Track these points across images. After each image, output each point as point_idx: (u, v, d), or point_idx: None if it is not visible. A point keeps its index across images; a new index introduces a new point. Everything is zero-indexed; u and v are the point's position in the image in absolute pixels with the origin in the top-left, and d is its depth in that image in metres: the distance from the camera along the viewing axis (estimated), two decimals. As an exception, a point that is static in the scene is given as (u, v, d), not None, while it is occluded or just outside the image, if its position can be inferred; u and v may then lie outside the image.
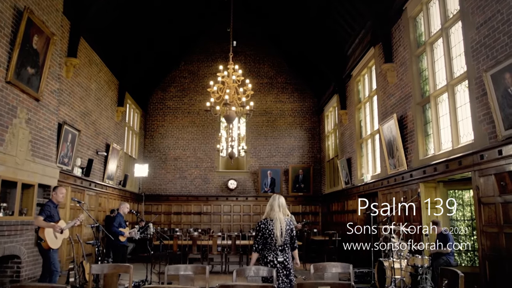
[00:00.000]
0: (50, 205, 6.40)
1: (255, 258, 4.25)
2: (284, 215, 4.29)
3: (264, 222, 4.25)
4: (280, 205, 4.30)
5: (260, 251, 4.21)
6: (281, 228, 4.18)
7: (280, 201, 4.34)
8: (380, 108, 10.12)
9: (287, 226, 4.26)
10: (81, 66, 10.04)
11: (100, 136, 11.58)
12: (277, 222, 4.19)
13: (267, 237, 4.16)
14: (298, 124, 16.71)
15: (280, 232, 4.16)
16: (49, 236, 6.10)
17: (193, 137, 16.49)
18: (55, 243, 6.20)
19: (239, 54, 16.11)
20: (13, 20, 6.40)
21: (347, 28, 11.78)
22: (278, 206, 4.27)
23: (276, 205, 4.27)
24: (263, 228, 4.20)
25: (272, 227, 4.17)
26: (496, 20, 5.68)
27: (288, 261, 4.21)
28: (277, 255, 4.16)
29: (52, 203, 6.46)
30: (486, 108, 5.87)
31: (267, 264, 4.11)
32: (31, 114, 6.98)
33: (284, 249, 4.22)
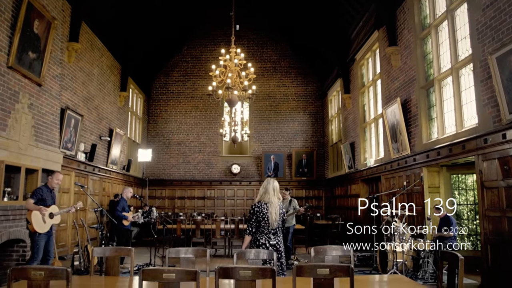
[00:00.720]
0: (42, 188, 6.24)
1: (247, 241, 4.26)
2: (277, 199, 4.29)
3: (258, 205, 4.24)
4: (275, 189, 4.29)
5: (253, 234, 4.23)
6: (276, 212, 4.19)
7: (275, 184, 4.33)
8: (384, 92, 10.04)
9: (281, 210, 4.27)
10: (83, 51, 9.99)
11: (103, 121, 11.59)
12: (272, 206, 4.19)
13: (260, 221, 4.16)
14: (301, 108, 16.64)
15: (275, 215, 4.17)
16: (36, 219, 5.93)
17: (196, 121, 16.48)
18: (42, 227, 6.00)
19: (242, 38, 15.98)
20: (13, 5, 6.36)
21: (351, 11, 11.62)
22: (272, 190, 4.27)
23: (271, 188, 4.27)
24: (258, 212, 4.20)
25: (266, 210, 4.18)
26: (502, 1, 5.58)
27: (280, 244, 4.23)
28: (270, 238, 4.17)
29: (46, 187, 6.31)
30: (490, 92, 5.81)
31: (260, 247, 4.13)
32: (33, 99, 6.99)
33: (277, 232, 4.23)
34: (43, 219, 6.02)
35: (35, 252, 5.95)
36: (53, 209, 6.22)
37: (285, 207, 8.93)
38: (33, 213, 5.90)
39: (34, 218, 5.91)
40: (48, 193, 6.28)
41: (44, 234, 6.05)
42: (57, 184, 6.45)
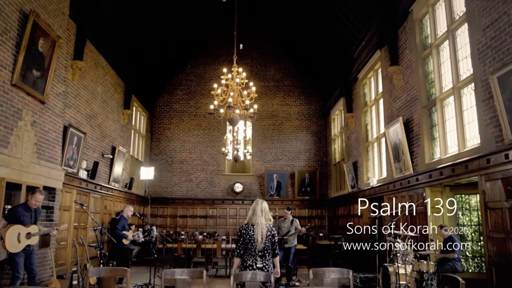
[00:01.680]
0: (19, 209, 5.81)
1: (237, 264, 4.20)
2: (266, 220, 4.23)
3: (245, 227, 4.21)
4: (263, 210, 4.24)
5: (242, 256, 4.16)
6: (262, 233, 4.12)
7: (263, 205, 4.29)
8: (386, 111, 10.04)
9: (268, 232, 4.18)
10: (87, 69, 10.09)
11: (106, 138, 11.62)
12: (258, 227, 4.14)
13: (247, 242, 4.11)
14: (304, 127, 16.65)
15: (261, 237, 4.11)
16: (9, 238, 5.50)
17: (199, 140, 16.50)
18: (15, 246, 5.57)
19: (245, 57, 16.12)
20: (19, 23, 6.46)
21: (354, 30, 11.73)
22: (260, 211, 4.22)
23: (258, 209, 4.23)
24: (244, 234, 4.16)
25: (252, 232, 4.13)
26: (502, 21, 5.61)
27: (267, 268, 4.13)
28: (256, 260, 4.10)
29: (24, 207, 5.87)
30: (492, 111, 5.78)
31: (246, 269, 4.06)
32: (36, 117, 7.03)
33: (264, 255, 4.15)
34: (18, 239, 5.61)
35: (15, 270, 5.60)
36: (32, 229, 5.82)
37: (286, 227, 8.84)
38: (9, 230, 5.51)
39: (8, 236, 5.50)
40: (27, 212, 5.83)
41: (21, 252, 5.68)
42: (35, 205, 5.91)
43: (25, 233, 5.74)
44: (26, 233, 5.74)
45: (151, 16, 12.06)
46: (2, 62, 6.07)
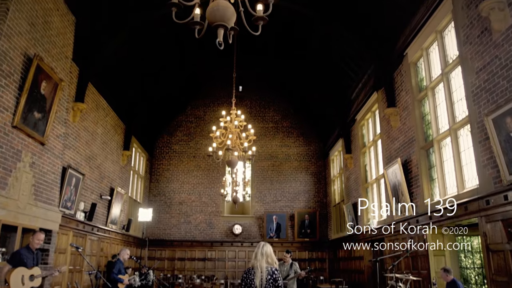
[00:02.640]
0: (21, 252, 5.87)
1: None
2: (269, 264, 4.16)
3: (246, 271, 4.17)
4: (264, 253, 4.19)
5: None
6: (262, 277, 4.04)
7: (265, 249, 4.23)
8: (385, 152, 10.08)
9: (269, 276, 4.09)
10: (88, 111, 10.21)
11: (104, 180, 11.59)
12: (257, 271, 4.07)
13: (249, 287, 4.04)
14: (303, 168, 16.65)
15: (260, 282, 4.02)
16: (14, 281, 5.51)
17: (199, 181, 16.45)
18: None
19: (244, 99, 16.38)
20: (22, 67, 6.60)
21: (351, 73, 11.98)
22: (261, 255, 4.17)
23: (259, 253, 4.18)
24: (245, 278, 4.11)
25: (252, 276, 4.05)
26: (494, 65, 5.74)
27: None
28: None
29: (26, 249, 5.94)
30: (489, 153, 5.81)
31: None
32: (35, 158, 7.04)
33: None
34: (22, 281, 5.63)
35: None
36: (35, 271, 5.85)
37: (285, 271, 8.65)
38: (13, 273, 5.53)
39: (13, 279, 5.51)
40: (30, 254, 5.91)
41: None
42: (38, 244, 6.03)
43: (29, 275, 5.75)
44: (29, 275, 5.76)
45: (151, 59, 12.35)
46: (4, 105, 6.15)
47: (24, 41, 6.63)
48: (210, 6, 2.92)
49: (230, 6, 2.91)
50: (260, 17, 3.09)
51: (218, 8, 2.86)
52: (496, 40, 5.71)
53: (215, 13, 2.86)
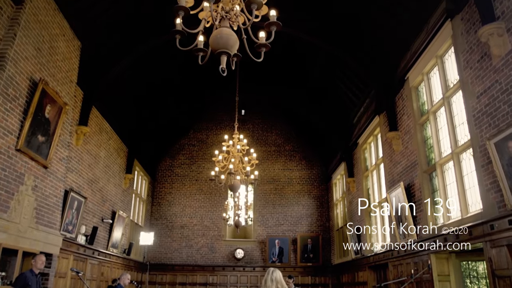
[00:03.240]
0: (27, 274, 6.01)
1: None
2: None
3: None
4: (274, 280, 4.14)
5: None
6: None
7: (274, 275, 4.19)
8: (387, 176, 10.05)
9: None
10: (91, 134, 10.27)
11: (106, 203, 11.56)
12: None
13: None
14: (306, 192, 16.58)
15: None
16: None
17: (200, 205, 16.38)
18: None
19: (247, 122, 16.47)
20: (28, 91, 6.68)
21: (352, 97, 12.06)
22: (271, 281, 4.12)
23: (269, 279, 4.13)
24: None
25: None
26: (495, 89, 5.79)
27: None
28: None
29: (30, 273, 6.09)
30: (492, 177, 5.79)
31: None
32: (38, 181, 7.05)
33: None
34: None
35: None
36: None
37: (288, 296, 8.51)
38: None
39: None
40: (33, 277, 6.03)
41: None
42: (42, 264, 6.29)
43: None
44: None
45: (155, 83, 12.49)
46: (9, 128, 6.20)
47: (30, 66, 6.74)
48: (213, 34, 2.98)
49: (233, 34, 2.97)
50: (262, 44, 3.15)
51: (221, 36, 2.92)
52: (496, 65, 5.76)
53: (218, 41, 2.92)
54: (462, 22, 6.66)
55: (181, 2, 2.92)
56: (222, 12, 3.06)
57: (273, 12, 3.13)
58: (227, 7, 3.11)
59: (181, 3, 2.91)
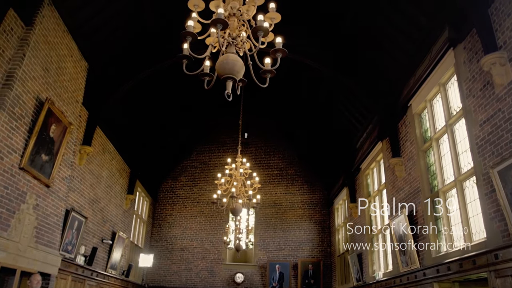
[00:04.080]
0: None
1: None
2: None
3: None
4: None
5: None
6: None
7: None
8: (390, 202, 9.99)
9: None
10: (95, 154, 10.30)
11: (107, 223, 11.49)
12: None
13: None
14: (307, 216, 16.46)
15: None
16: None
17: (201, 227, 16.26)
18: None
19: (249, 146, 16.50)
20: (34, 110, 6.74)
21: (355, 122, 12.11)
22: None
23: None
24: None
25: None
26: (498, 118, 5.80)
27: None
28: None
29: None
30: (496, 205, 5.75)
31: None
32: (39, 200, 7.04)
33: None
34: None
35: None
36: None
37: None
38: None
39: None
40: None
41: None
42: (38, 284, 6.26)
43: None
44: None
45: (159, 105, 12.60)
46: (14, 146, 6.24)
47: (37, 86, 6.82)
48: (220, 59, 3.03)
49: (239, 60, 3.03)
50: (268, 70, 3.19)
51: (228, 61, 2.97)
52: (498, 94, 5.80)
53: (224, 66, 2.97)
54: (465, 51, 6.74)
55: (189, 28, 2.98)
56: (229, 38, 3.13)
57: (279, 39, 3.20)
58: (234, 33, 3.17)
59: (189, 29, 2.98)
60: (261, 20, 3.08)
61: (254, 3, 3.28)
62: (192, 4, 3.21)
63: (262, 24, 3.05)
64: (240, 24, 3.31)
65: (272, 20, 3.22)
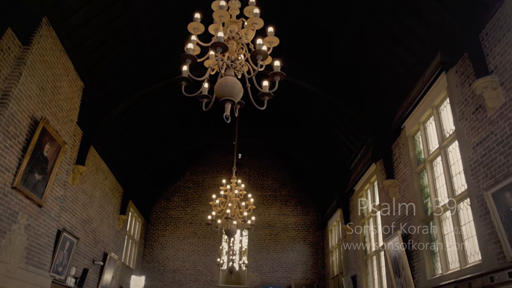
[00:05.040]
0: None
1: None
2: None
3: None
4: None
5: None
6: None
7: None
8: (384, 224, 9.97)
9: None
10: (88, 173, 10.22)
11: (98, 244, 11.33)
12: None
13: None
14: (301, 238, 16.36)
15: None
16: None
17: (194, 248, 16.07)
18: None
19: (243, 166, 16.48)
20: (28, 129, 6.71)
21: (349, 144, 12.17)
22: None
23: None
24: None
25: None
26: (490, 140, 5.87)
27: None
28: None
29: None
30: (490, 227, 5.76)
31: None
32: (31, 220, 6.94)
33: None
34: None
35: None
36: None
37: None
38: None
39: None
40: None
41: None
42: None
43: None
44: None
45: (153, 124, 12.60)
46: (7, 165, 6.18)
47: (33, 104, 6.81)
48: (219, 82, 3.07)
49: (238, 82, 3.07)
50: (266, 93, 3.23)
51: (227, 84, 3.00)
52: (491, 117, 5.88)
53: (223, 89, 3.00)
54: (457, 75, 6.85)
55: (188, 51, 3.02)
56: (228, 61, 3.17)
57: (277, 63, 3.24)
58: (233, 56, 3.22)
59: (188, 52, 3.02)
60: (260, 44, 3.14)
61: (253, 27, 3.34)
62: (192, 27, 3.26)
63: (261, 47, 3.10)
64: (239, 47, 3.36)
65: (270, 44, 3.28)
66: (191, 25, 3.29)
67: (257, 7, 3.37)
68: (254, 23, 3.30)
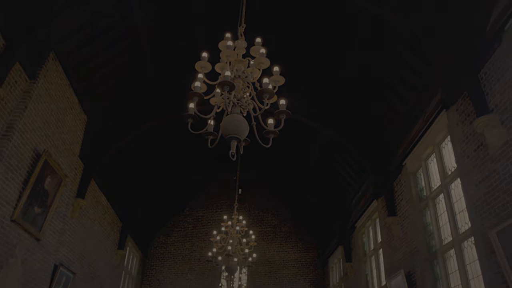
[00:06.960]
0: None
1: None
2: None
3: None
4: None
5: None
6: None
7: None
8: (387, 262, 9.80)
9: None
10: (88, 207, 10.15)
11: (95, 280, 11.09)
12: None
13: None
14: (301, 275, 16.03)
15: None
16: None
17: (192, 285, 15.72)
18: None
19: (243, 202, 16.35)
20: (30, 161, 6.71)
21: (350, 180, 12.13)
22: None
23: None
24: None
25: None
26: (493, 178, 5.84)
27: None
28: None
29: None
30: (496, 267, 5.65)
31: None
32: (28, 254, 6.83)
33: None
34: None
35: None
36: None
37: None
38: None
39: None
40: None
41: None
42: None
43: None
44: None
45: (153, 159, 12.61)
46: (7, 198, 6.14)
47: (36, 137, 6.84)
48: (225, 119, 3.11)
49: (244, 120, 3.10)
50: (271, 131, 3.26)
51: (233, 122, 3.04)
52: (492, 155, 5.88)
53: (230, 126, 3.04)
54: (457, 113, 6.91)
55: (196, 89, 3.08)
56: (234, 99, 3.22)
57: (282, 101, 3.29)
58: (239, 94, 3.27)
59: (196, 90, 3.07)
60: (266, 83, 3.20)
61: (259, 66, 3.41)
62: (200, 66, 3.34)
63: (267, 86, 3.16)
64: (245, 85, 3.42)
65: (276, 83, 3.35)
66: (199, 64, 3.36)
67: (263, 47, 3.46)
68: (260, 63, 3.38)
